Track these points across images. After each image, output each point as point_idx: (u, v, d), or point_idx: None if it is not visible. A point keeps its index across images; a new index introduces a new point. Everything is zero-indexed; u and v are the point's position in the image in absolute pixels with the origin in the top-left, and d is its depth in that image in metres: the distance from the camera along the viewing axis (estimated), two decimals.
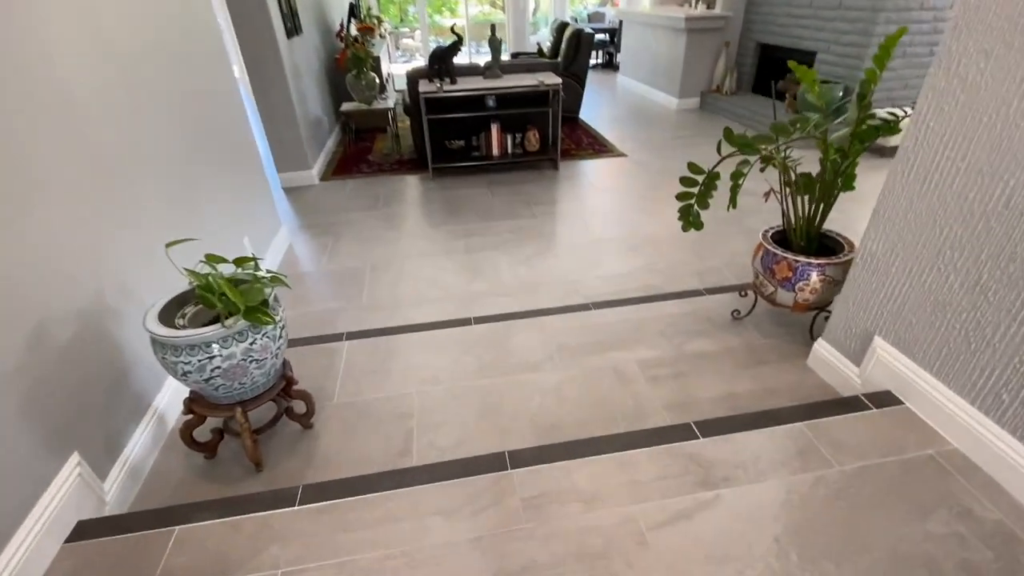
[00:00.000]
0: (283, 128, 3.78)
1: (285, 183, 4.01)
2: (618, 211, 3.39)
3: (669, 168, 4.12)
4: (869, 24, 4.01)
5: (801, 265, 1.77)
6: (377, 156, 4.68)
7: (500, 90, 3.80)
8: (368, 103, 4.41)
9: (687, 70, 5.77)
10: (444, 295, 2.51)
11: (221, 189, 2.28)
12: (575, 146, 4.75)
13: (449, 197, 3.72)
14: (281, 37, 3.55)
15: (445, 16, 12.57)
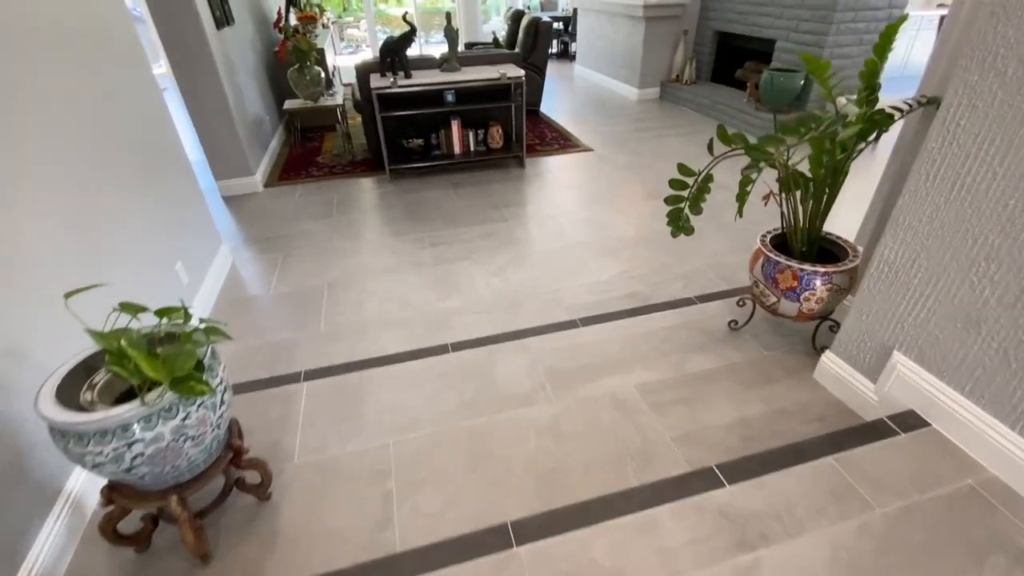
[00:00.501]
0: (219, 131, 3.38)
1: (225, 192, 3.61)
2: (591, 210, 3.22)
3: (637, 163, 3.98)
4: (829, 12, 3.98)
5: (806, 274, 1.64)
6: (327, 157, 4.32)
7: (460, 84, 3.54)
8: (314, 100, 4.04)
9: (646, 59, 5.66)
10: (414, 316, 2.26)
11: (143, 209, 1.94)
12: (539, 141, 4.55)
13: (411, 201, 3.45)
14: (210, 28, 3.16)
15: (391, 5, 12.03)
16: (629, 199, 3.37)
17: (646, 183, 3.61)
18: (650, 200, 3.33)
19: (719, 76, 5.57)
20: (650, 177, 3.70)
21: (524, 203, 3.39)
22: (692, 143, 4.38)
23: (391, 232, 3.04)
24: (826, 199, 1.72)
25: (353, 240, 2.95)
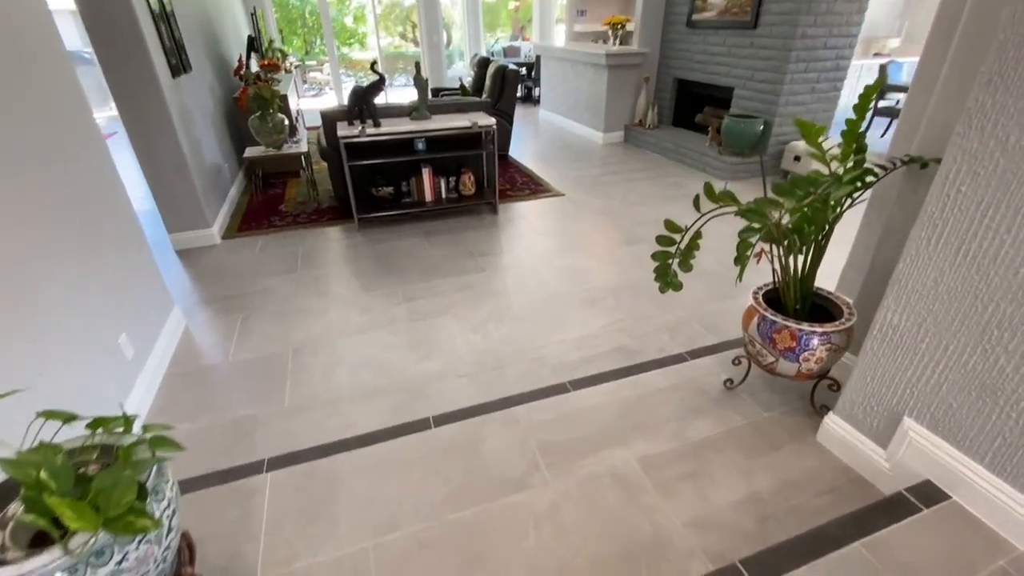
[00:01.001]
0: (173, 181, 3.18)
1: (178, 245, 3.37)
2: (569, 258, 3.16)
3: (609, 207, 3.99)
4: (782, 62, 4.19)
5: (805, 334, 1.59)
6: (291, 205, 4.14)
7: (430, 133, 3.48)
8: (277, 147, 3.90)
9: (610, 105, 5.81)
10: (390, 382, 2.09)
11: (81, 277, 1.73)
12: (511, 186, 4.52)
13: (382, 252, 3.30)
14: (164, 76, 3.00)
15: (354, 48, 12.14)
16: (605, 245, 3.34)
17: (620, 228, 3.59)
18: (627, 246, 3.31)
19: (680, 120, 5.76)
20: (623, 222, 3.70)
21: (500, 251, 3.30)
22: (660, 186, 4.45)
23: (361, 286, 2.87)
24: (814, 255, 1.70)
25: (320, 297, 2.77)
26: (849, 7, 4.08)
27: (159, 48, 3.00)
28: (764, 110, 4.45)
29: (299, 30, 11.85)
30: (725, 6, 4.62)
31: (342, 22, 11.68)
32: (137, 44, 2.78)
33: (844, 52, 4.29)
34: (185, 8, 3.77)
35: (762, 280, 2.13)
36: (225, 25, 5.28)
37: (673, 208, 3.91)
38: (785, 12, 4.06)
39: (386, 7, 11.53)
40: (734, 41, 4.63)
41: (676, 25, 5.31)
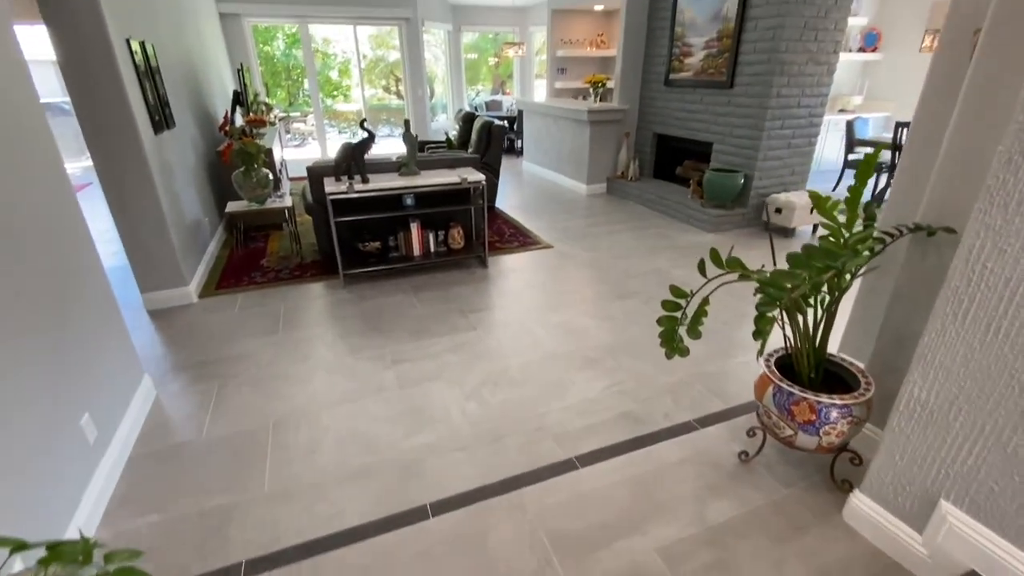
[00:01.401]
0: (150, 239, 3.04)
1: (151, 305, 3.19)
2: (562, 314, 3.09)
3: (598, 259, 3.97)
4: (759, 120, 4.35)
5: (824, 406, 1.52)
6: (273, 260, 4.02)
7: (419, 188, 3.44)
8: (260, 202, 3.81)
9: (593, 158, 5.94)
10: (380, 459, 1.93)
11: (37, 350, 1.57)
12: (499, 238, 4.49)
13: (368, 309, 3.18)
14: (146, 133, 2.92)
15: (338, 100, 12.35)
16: (598, 300, 3.28)
17: (610, 281, 3.56)
18: (619, 301, 3.26)
19: (661, 173, 5.90)
20: (613, 275, 3.67)
21: (491, 307, 3.21)
22: (645, 238, 4.47)
23: (347, 349, 2.73)
24: (826, 321, 1.66)
25: (303, 362, 2.61)
26: (819, 69, 4.30)
27: (142, 105, 2.93)
28: (744, 164, 4.58)
29: (283, 82, 12.05)
30: (701, 67, 4.83)
31: (327, 75, 11.92)
32: (119, 102, 2.71)
33: (816, 110, 4.49)
34: (171, 63, 3.75)
35: (741, 341, 2.09)
36: (210, 79, 5.29)
37: (660, 260, 3.91)
38: (760, 73, 4.26)
39: (370, 61, 11.85)
40: (711, 99, 4.82)
41: (654, 84, 5.53)
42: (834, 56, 4.31)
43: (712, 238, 4.45)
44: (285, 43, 11.55)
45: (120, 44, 2.73)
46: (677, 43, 5.07)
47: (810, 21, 4.06)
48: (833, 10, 4.11)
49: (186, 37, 4.49)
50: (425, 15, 8.48)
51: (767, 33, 4.13)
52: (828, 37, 4.20)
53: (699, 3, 4.71)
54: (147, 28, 3.29)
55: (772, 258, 1.72)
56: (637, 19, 5.41)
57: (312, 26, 7.98)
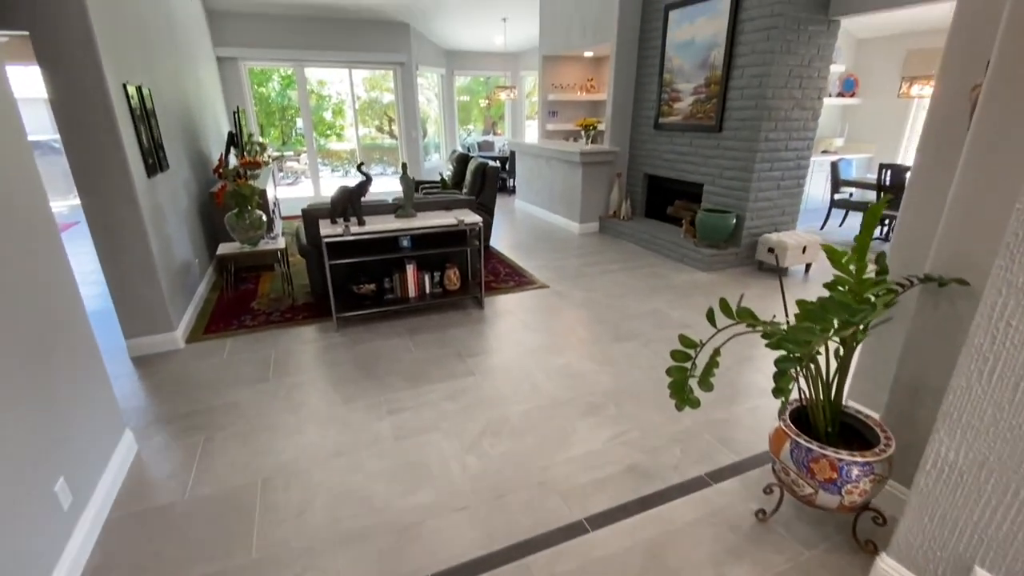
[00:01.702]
0: (137, 284, 2.95)
1: (136, 352, 3.07)
2: (562, 357, 3.03)
3: (594, 300, 3.94)
4: (748, 162, 4.44)
5: (845, 463, 1.46)
6: (264, 302, 3.93)
7: (416, 230, 3.42)
8: (253, 244, 3.75)
9: (585, 197, 6.01)
10: (376, 522, 1.82)
11: (7, 407, 1.46)
12: (495, 278, 4.46)
13: (362, 354, 3.09)
14: (139, 177, 2.88)
15: (332, 140, 12.51)
16: (597, 342, 3.23)
17: (608, 322, 3.52)
18: (618, 343, 3.21)
19: (652, 212, 5.98)
20: (610, 315, 3.64)
21: (489, 350, 3.14)
22: (640, 277, 4.47)
23: (341, 398, 2.63)
24: (840, 373, 1.62)
25: (294, 412, 2.50)
26: (804, 114, 4.44)
27: (136, 150, 2.91)
28: (735, 205, 4.65)
29: (277, 122, 12.20)
30: (690, 111, 4.97)
31: (321, 115, 12.11)
32: (113, 147, 2.68)
33: (803, 153, 4.61)
34: (167, 106, 3.76)
35: (746, 386, 2.02)
36: (206, 120, 5.32)
37: (657, 301, 3.90)
38: (748, 118, 4.38)
39: (364, 102, 12.09)
40: (701, 142, 4.93)
41: (644, 127, 5.67)
42: (818, 102, 4.46)
43: (707, 277, 4.46)
44: (280, 84, 11.77)
45: (117, 90, 2.73)
46: (666, 89, 5.23)
47: (794, 69, 4.21)
48: (815, 59, 4.28)
49: (183, 80, 4.53)
50: (420, 60, 8.72)
51: (754, 80, 4.27)
52: (812, 84, 4.36)
53: (687, 51, 4.88)
54: (145, 73, 3.30)
55: (784, 307, 1.69)
56: (626, 66, 5.59)
57: (308, 69, 8.15)
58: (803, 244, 4.41)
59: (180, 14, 4.82)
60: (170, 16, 4.35)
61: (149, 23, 3.59)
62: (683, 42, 4.91)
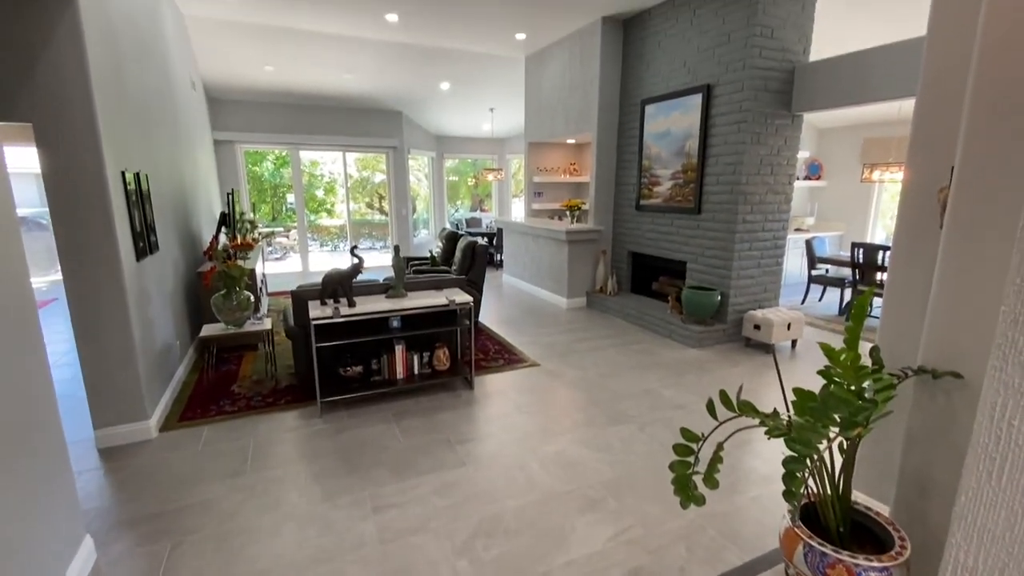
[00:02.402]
0: (114, 371, 2.84)
1: (104, 442, 2.89)
2: (556, 443, 2.92)
3: (586, 379, 3.89)
4: (728, 242, 4.62)
5: (863, 569, 1.39)
6: (245, 385, 3.79)
7: (406, 311, 3.41)
8: (239, 325, 3.69)
9: (572, 273, 6.13)
10: None
11: None
12: (484, 356, 4.41)
13: (346, 443, 2.95)
14: (128, 262, 2.87)
15: (322, 216, 12.78)
16: (592, 426, 3.15)
17: (601, 404, 3.45)
18: (613, 426, 3.13)
19: (638, 288, 6.10)
20: (603, 396, 3.58)
21: (480, 436, 3.03)
22: (630, 354, 4.46)
23: (322, 493, 2.47)
24: (846, 467, 1.58)
25: (271, 511, 2.33)
26: (777, 198, 4.70)
27: (128, 235, 2.92)
28: (719, 283, 4.77)
29: (269, 199, 12.48)
30: (670, 194, 5.22)
31: (312, 193, 12.45)
32: (105, 233, 2.69)
33: (779, 233, 4.82)
34: (163, 189, 3.83)
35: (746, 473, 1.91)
36: (198, 200, 5.41)
37: (649, 379, 3.86)
38: (725, 202, 4.61)
39: (355, 181, 12.50)
40: (681, 223, 5.14)
41: (626, 208, 5.92)
42: (789, 187, 4.74)
43: (696, 354, 4.47)
44: (274, 164, 12.17)
45: (115, 177, 2.78)
46: (645, 174, 5.52)
47: (765, 158, 4.51)
48: (783, 149, 4.60)
49: (180, 164, 4.66)
50: (411, 144, 9.17)
51: (728, 167, 4.54)
52: (782, 171, 4.65)
53: (663, 141, 5.22)
54: (144, 159, 3.39)
55: (782, 393, 1.68)
56: (607, 152, 5.94)
57: (303, 151, 8.48)
58: (787, 321, 4.49)
59: (183, 101, 5.05)
60: (174, 104, 4.55)
61: (153, 111, 3.74)
62: (660, 132, 5.27)
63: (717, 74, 4.58)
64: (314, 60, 6.52)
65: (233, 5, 4.96)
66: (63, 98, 2.51)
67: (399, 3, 4.96)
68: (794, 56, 4.42)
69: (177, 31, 5.03)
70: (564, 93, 6.32)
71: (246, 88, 7.37)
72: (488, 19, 5.44)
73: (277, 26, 5.58)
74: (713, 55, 4.60)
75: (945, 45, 1.79)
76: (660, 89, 5.24)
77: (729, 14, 4.41)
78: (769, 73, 4.33)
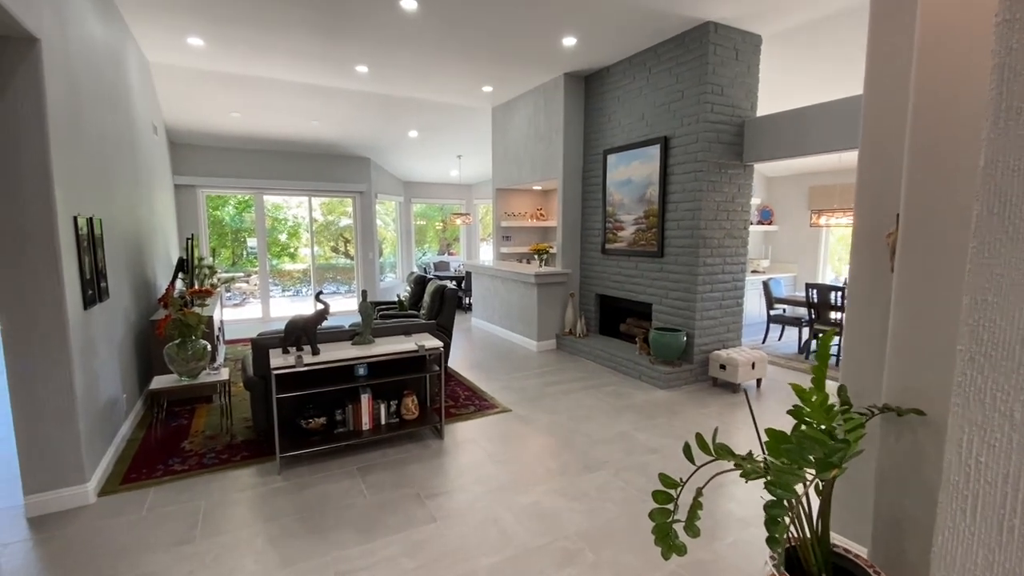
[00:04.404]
0: (51, 430, 2.61)
1: (35, 511, 2.61)
2: (529, 494, 2.83)
3: (559, 424, 3.84)
4: (691, 284, 4.76)
5: None
6: (198, 441, 3.54)
7: (374, 358, 3.31)
8: (193, 376, 3.48)
9: (541, 316, 6.15)
10: None
11: None
12: (454, 403, 4.29)
13: (308, 501, 2.76)
14: (75, 311, 2.69)
15: (284, 261, 12.50)
16: (566, 473, 3.07)
17: (575, 449, 3.39)
18: (588, 474, 3.06)
19: (606, 329, 6.16)
20: (577, 441, 3.52)
21: (451, 489, 2.90)
22: (602, 396, 4.45)
23: (281, 559, 2.28)
24: (822, 508, 1.59)
25: None
26: (735, 242, 4.91)
27: (76, 282, 2.75)
28: (684, 324, 4.88)
29: (229, 243, 12.15)
30: (634, 239, 5.39)
31: (276, 237, 12.21)
32: (50, 278, 2.53)
33: (738, 276, 5.01)
34: (117, 235, 3.67)
35: (724, 517, 1.87)
36: (155, 246, 5.21)
37: (622, 423, 3.84)
38: (686, 246, 4.79)
39: (320, 225, 12.37)
40: (646, 266, 5.29)
41: (592, 251, 6.06)
42: (745, 232, 4.97)
43: (666, 395, 4.49)
44: (235, 208, 11.94)
45: (66, 222, 2.65)
46: (610, 219, 5.70)
47: (721, 204, 4.74)
48: (738, 196, 4.85)
49: (137, 208, 4.50)
50: (378, 189, 9.21)
51: (687, 213, 4.75)
52: (737, 216, 4.89)
53: (626, 188, 5.44)
54: (99, 204, 3.26)
55: (757, 437, 1.69)
56: (572, 198, 6.12)
57: (267, 196, 8.38)
58: (752, 360, 4.60)
59: (144, 146, 4.94)
60: (133, 149, 4.44)
61: (111, 156, 3.63)
62: (622, 180, 5.49)
63: (673, 127, 4.85)
64: (281, 107, 6.56)
65: (200, 55, 4.97)
66: (16, 142, 2.41)
67: (369, 56, 5.10)
68: (742, 112, 4.74)
69: (141, 76, 4.98)
70: (530, 142, 6.54)
71: (210, 133, 7.31)
72: (456, 73, 5.65)
73: (245, 75, 5.62)
74: (669, 109, 4.89)
75: (881, 102, 1.96)
76: (621, 140, 5.50)
77: (682, 73, 4.73)
78: (720, 127, 4.63)
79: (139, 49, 4.83)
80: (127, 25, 4.31)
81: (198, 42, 4.70)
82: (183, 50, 4.88)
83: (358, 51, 4.95)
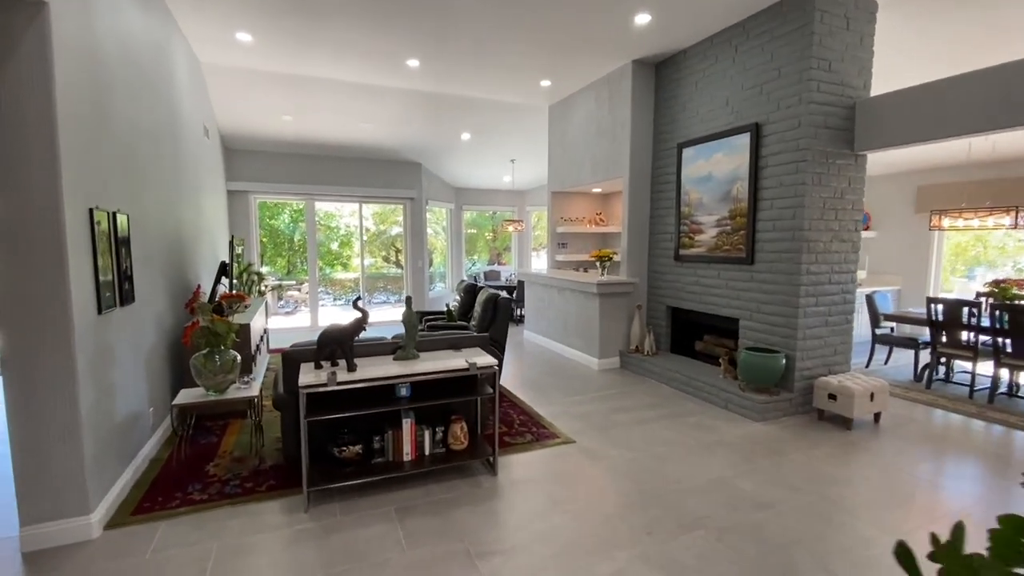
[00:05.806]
0: (52, 451, 2.26)
1: (31, 545, 2.26)
2: (611, 561, 2.20)
3: (635, 462, 3.18)
4: (791, 296, 3.99)
5: None
6: (224, 463, 3.16)
7: (418, 376, 2.81)
8: (220, 391, 3.10)
9: (604, 331, 5.50)
10: None
11: None
12: (508, 429, 3.73)
13: (337, 551, 2.27)
14: (84, 314, 2.35)
15: (337, 270, 12.47)
16: (655, 533, 2.42)
17: (662, 499, 2.73)
18: (683, 533, 2.40)
19: (679, 347, 5.42)
20: (662, 489, 2.85)
21: (509, 548, 2.32)
22: (684, 429, 3.74)
23: None
24: None
25: None
26: (844, 246, 4.10)
27: (89, 281, 2.42)
28: (781, 344, 4.10)
29: (285, 252, 12.26)
30: (715, 243, 4.67)
31: (328, 246, 12.21)
32: (56, 279, 2.19)
33: (848, 287, 4.19)
34: (151, 234, 3.39)
35: None
36: (202, 250, 5.01)
37: (716, 464, 3.13)
38: (784, 250, 4.03)
39: (372, 234, 12.27)
40: (730, 275, 4.55)
41: (663, 258, 5.37)
42: (856, 234, 4.16)
43: (763, 429, 3.73)
44: (291, 217, 12.04)
45: (78, 215, 2.33)
46: (685, 221, 5.01)
47: (828, 201, 3.97)
48: (848, 192, 4.06)
49: (180, 209, 4.28)
50: (429, 195, 8.90)
51: (786, 212, 4.00)
52: (847, 216, 4.09)
53: (705, 185, 4.74)
54: (125, 199, 2.96)
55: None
56: (640, 200, 5.47)
57: (318, 202, 8.23)
58: (870, 390, 3.76)
59: (191, 146, 4.76)
60: (177, 146, 4.23)
61: (145, 149, 3.37)
62: (700, 176, 4.80)
63: (767, 111, 4.14)
64: (332, 109, 6.34)
65: (249, 52, 4.77)
66: (19, 119, 2.10)
67: (420, 48, 4.72)
68: (854, 91, 3.97)
69: (193, 77, 4.83)
70: (591, 139, 5.97)
71: (262, 138, 7.22)
72: (513, 65, 5.18)
73: (295, 74, 5.40)
74: (761, 92, 4.18)
75: None
76: (699, 131, 4.82)
77: (777, 49, 4.02)
78: (828, 108, 3.87)
79: (189, 48, 4.67)
80: (174, 19, 4.13)
81: (246, 37, 4.48)
82: (232, 46, 4.68)
83: (409, 41, 4.58)
